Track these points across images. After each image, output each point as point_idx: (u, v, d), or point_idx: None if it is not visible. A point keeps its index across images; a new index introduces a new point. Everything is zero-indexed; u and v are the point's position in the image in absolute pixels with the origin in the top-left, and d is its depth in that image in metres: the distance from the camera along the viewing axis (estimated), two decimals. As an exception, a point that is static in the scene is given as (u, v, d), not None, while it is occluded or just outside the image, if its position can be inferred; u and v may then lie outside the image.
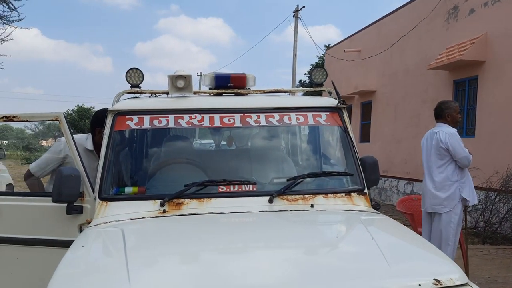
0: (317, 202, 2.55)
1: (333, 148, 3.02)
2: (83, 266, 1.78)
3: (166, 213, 2.40)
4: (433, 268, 1.65)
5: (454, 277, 1.60)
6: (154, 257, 1.88)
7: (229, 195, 2.53)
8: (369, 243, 1.90)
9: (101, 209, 2.46)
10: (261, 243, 2.01)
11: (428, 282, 1.55)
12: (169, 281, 1.59)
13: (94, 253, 1.93)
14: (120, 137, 2.78)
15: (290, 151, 3.01)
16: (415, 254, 1.89)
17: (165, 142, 3.03)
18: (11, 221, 2.88)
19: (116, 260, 1.76)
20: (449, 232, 4.41)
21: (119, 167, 2.76)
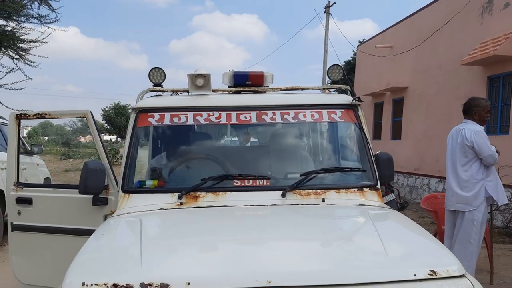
0: (329, 197, 2.62)
1: (348, 144, 3.07)
2: (101, 252, 1.92)
3: (183, 205, 2.53)
4: (431, 260, 1.69)
5: (451, 268, 1.64)
6: (167, 244, 2.02)
7: (243, 189, 2.63)
8: (372, 235, 1.96)
9: (124, 201, 2.62)
10: (266, 234, 2.10)
11: (424, 273, 1.60)
12: (179, 265, 1.71)
13: (112, 240, 2.07)
14: (143, 133, 2.93)
15: (305, 147, 3.08)
16: (415, 247, 1.93)
17: (185, 138, 3.16)
18: (44, 211, 3.09)
19: (131, 246, 1.90)
20: (471, 230, 4.35)
21: (141, 161, 2.91)
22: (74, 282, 1.59)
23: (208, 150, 3.12)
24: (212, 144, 3.16)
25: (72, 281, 1.60)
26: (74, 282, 1.59)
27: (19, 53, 10.69)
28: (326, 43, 19.37)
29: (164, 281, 1.56)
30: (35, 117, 3.15)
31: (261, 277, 1.56)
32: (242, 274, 1.61)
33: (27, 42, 10.68)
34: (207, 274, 1.62)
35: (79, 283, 1.57)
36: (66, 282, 1.61)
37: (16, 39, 10.41)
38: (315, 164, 2.92)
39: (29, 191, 3.17)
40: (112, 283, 1.56)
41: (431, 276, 1.60)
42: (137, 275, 1.60)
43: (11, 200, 3.15)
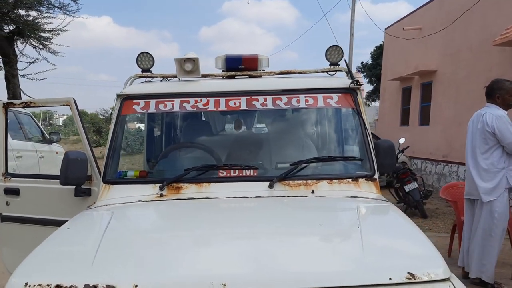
0: (320, 188, 2.42)
1: (344, 131, 2.85)
2: (57, 248, 1.81)
3: (163, 197, 2.39)
4: (412, 262, 1.48)
5: (433, 271, 1.43)
6: (126, 241, 1.87)
7: (229, 180, 2.47)
8: (353, 232, 1.76)
9: (104, 192, 2.51)
10: (234, 230, 1.92)
11: (400, 276, 1.40)
12: (131, 266, 1.57)
13: (73, 235, 1.95)
14: (127, 121, 2.80)
15: (299, 135, 2.87)
16: (399, 246, 1.71)
17: (171, 126, 3.02)
18: (31, 202, 3.03)
19: (90, 242, 1.78)
20: (491, 222, 4.05)
21: (124, 151, 2.79)
22: (17, 282, 1.49)
23: (195, 139, 2.96)
24: (200, 132, 3.00)
25: (16, 281, 1.50)
26: (17, 282, 1.49)
27: (42, 42, 10.84)
28: (352, 26, 18.72)
29: (111, 283, 1.42)
30: (21, 106, 3.08)
31: (216, 281, 1.40)
32: (195, 277, 1.45)
33: (48, 32, 10.80)
34: (157, 276, 1.47)
35: (22, 283, 1.47)
36: (10, 282, 1.51)
37: (38, 28, 10.54)
38: (308, 153, 2.71)
39: (16, 181, 3.12)
40: (56, 284, 1.44)
41: (408, 280, 1.40)
42: (84, 275, 1.48)
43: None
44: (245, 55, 3.00)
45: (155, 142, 3.09)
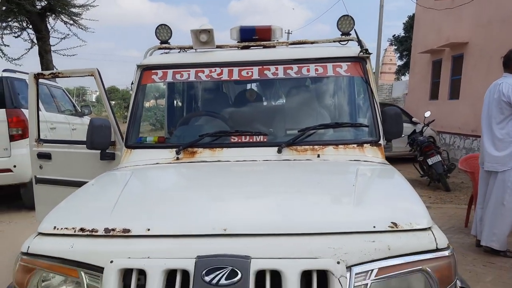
0: (326, 153, 2.54)
1: (353, 99, 2.94)
2: (81, 201, 2.02)
3: (179, 160, 2.58)
4: (397, 214, 1.60)
5: (415, 222, 1.56)
6: (142, 195, 2.08)
7: (240, 145, 2.62)
8: (347, 189, 1.89)
9: (126, 156, 2.72)
10: (238, 187, 2.09)
11: (384, 225, 1.53)
12: (144, 214, 1.76)
13: (96, 190, 2.17)
14: (147, 90, 2.98)
15: (308, 103, 2.98)
16: (387, 200, 1.83)
17: (188, 95, 3.18)
18: (61, 165, 3.29)
19: (110, 196, 1.98)
20: (505, 192, 4.08)
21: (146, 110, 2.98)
22: (47, 226, 1.70)
23: (210, 108, 3.12)
24: (215, 101, 3.15)
25: (46, 226, 1.71)
26: (47, 226, 1.70)
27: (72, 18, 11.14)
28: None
29: (127, 227, 1.62)
30: (50, 76, 3.31)
31: (218, 226, 1.57)
32: (200, 222, 1.63)
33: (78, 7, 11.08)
34: (166, 222, 1.66)
35: (51, 227, 1.68)
36: (41, 226, 1.73)
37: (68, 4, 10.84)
38: (316, 120, 2.83)
39: (48, 146, 3.38)
40: (80, 228, 1.65)
41: (391, 229, 1.53)
42: (104, 221, 1.67)
43: (33, 155, 3.38)
44: (259, 26, 3.10)
45: (173, 111, 3.27)
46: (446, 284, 1.50)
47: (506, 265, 4.05)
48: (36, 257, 1.61)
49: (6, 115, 6.09)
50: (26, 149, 6.17)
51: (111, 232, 1.61)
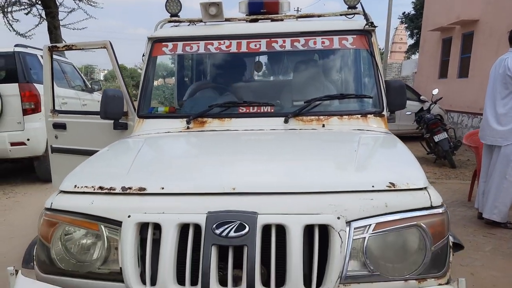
0: (330, 123, 2.64)
1: (358, 71, 3.01)
2: (99, 163, 2.15)
3: (189, 130, 2.69)
4: (395, 175, 1.70)
5: (412, 182, 1.66)
6: (156, 159, 2.21)
7: (248, 116, 2.72)
8: (350, 154, 1.99)
9: (138, 125, 2.83)
10: (246, 152, 2.21)
11: (382, 185, 1.64)
12: (159, 175, 1.88)
13: (112, 155, 2.29)
14: (157, 62, 3.07)
15: (315, 75, 3.05)
16: (387, 164, 1.94)
17: (198, 67, 3.27)
18: (76, 135, 3.42)
19: (126, 159, 2.10)
20: (507, 165, 4.16)
21: (155, 89, 3.08)
22: (69, 185, 1.83)
23: (219, 80, 3.20)
24: (224, 73, 3.23)
25: (68, 184, 1.84)
26: (69, 185, 1.83)
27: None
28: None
29: (142, 185, 1.74)
30: (64, 49, 3.41)
31: (227, 185, 1.69)
32: (210, 182, 1.74)
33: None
34: (179, 182, 1.77)
35: (72, 186, 1.81)
36: (62, 185, 1.86)
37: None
38: (322, 91, 2.91)
39: (63, 117, 3.50)
40: (99, 186, 1.77)
41: (388, 188, 1.63)
42: (121, 181, 1.79)
43: (49, 125, 3.51)
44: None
45: (183, 83, 3.36)
46: (439, 238, 1.61)
47: (506, 236, 4.15)
48: (59, 212, 1.74)
49: (19, 90, 6.22)
50: (39, 123, 6.36)
51: (127, 190, 1.73)
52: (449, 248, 1.67)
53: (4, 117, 6.24)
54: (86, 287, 1.66)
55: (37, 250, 1.80)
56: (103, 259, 1.67)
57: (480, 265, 3.47)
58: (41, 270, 1.75)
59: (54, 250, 1.72)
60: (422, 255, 1.59)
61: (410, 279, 1.58)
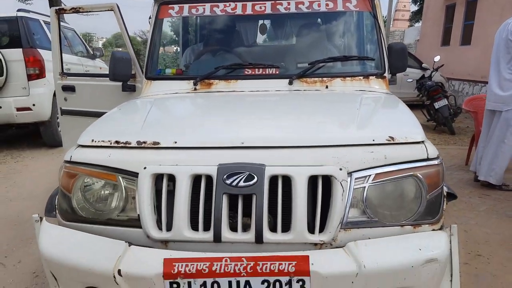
0: (334, 85, 2.72)
1: (360, 33, 3.07)
2: (113, 120, 2.25)
3: (196, 91, 2.78)
4: (395, 130, 1.80)
5: (410, 136, 1.76)
6: (167, 116, 2.32)
7: (253, 77, 2.80)
8: (352, 112, 2.09)
9: (146, 87, 2.92)
10: (253, 110, 2.30)
11: (382, 138, 1.74)
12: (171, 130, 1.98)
13: (124, 113, 2.39)
14: (164, 24, 3.13)
15: (318, 37, 3.11)
16: (387, 120, 2.04)
17: (204, 30, 3.32)
18: (85, 97, 3.51)
19: (138, 117, 2.20)
20: (506, 130, 4.26)
21: (162, 51, 3.15)
22: (86, 139, 1.93)
23: (225, 43, 3.26)
24: (230, 36, 3.28)
25: (85, 139, 1.94)
26: (86, 139, 1.93)
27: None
28: None
29: (156, 140, 1.84)
30: (71, 11, 3.45)
31: (236, 139, 1.79)
32: (220, 137, 1.84)
33: None
34: (191, 137, 1.88)
35: (89, 140, 1.92)
36: (80, 139, 1.96)
37: None
38: (326, 54, 2.97)
39: (72, 79, 3.58)
40: (115, 140, 1.88)
41: (388, 142, 1.74)
42: (135, 135, 1.90)
43: (58, 88, 3.59)
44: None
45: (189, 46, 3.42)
46: (434, 188, 1.72)
47: (500, 197, 4.31)
48: (78, 164, 1.85)
49: (23, 55, 6.26)
50: (44, 88, 6.43)
51: (142, 144, 1.84)
52: (443, 197, 1.79)
53: (9, 82, 6.30)
54: (106, 233, 1.79)
55: (59, 200, 1.92)
56: (121, 208, 1.80)
57: (474, 223, 3.63)
58: (63, 218, 1.88)
59: (75, 199, 1.84)
60: (418, 203, 1.71)
61: (406, 225, 1.70)
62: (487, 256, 3.05)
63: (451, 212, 3.83)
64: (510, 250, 3.16)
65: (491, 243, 3.27)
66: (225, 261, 1.60)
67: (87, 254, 1.69)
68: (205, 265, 1.60)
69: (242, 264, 1.59)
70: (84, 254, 1.69)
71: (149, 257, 1.65)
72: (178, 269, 1.60)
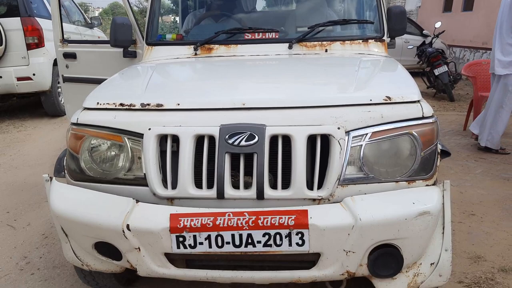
0: (333, 48, 2.75)
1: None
2: (116, 84, 2.30)
3: (197, 56, 2.81)
4: (392, 90, 1.85)
5: (406, 96, 1.81)
6: (169, 79, 2.37)
7: (253, 42, 2.82)
8: (351, 74, 2.13)
9: (147, 53, 2.94)
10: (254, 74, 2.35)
11: (379, 98, 1.80)
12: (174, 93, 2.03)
13: (127, 77, 2.44)
14: None
15: (318, 1, 3.11)
16: (385, 81, 2.09)
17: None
18: (85, 64, 3.54)
19: (141, 81, 2.24)
20: (505, 95, 4.29)
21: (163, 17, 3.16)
22: (91, 102, 1.99)
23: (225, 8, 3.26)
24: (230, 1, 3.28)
25: (90, 102, 1.99)
26: (91, 102, 1.99)
27: None
28: None
29: (159, 102, 1.90)
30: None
31: (238, 101, 1.84)
32: (222, 99, 1.90)
33: None
34: (193, 99, 1.93)
35: (94, 103, 1.97)
36: (85, 102, 2.01)
37: None
38: (325, 18, 2.98)
39: (73, 46, 3.60)
40: (119, 103, 1.93)
41: (385, 101, 1.79)
42: (139, 98, 1.95)
43: (59, 55, 3.61)
44: None
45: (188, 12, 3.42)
46: (428, 145, 1.79)
47: (496, 160, 4.39)
48: (84, 126, 1.91)
49: (21, 24, 6.22)
50: (43, 57, 6.43)
51: (146, 107, 1.89)
52: (437, 154, 1.86)
53: (8, 52, 6.29)
54: (114, 191, 1.86)
55: (67, 160, 1.99)
56: (127, 167, 1.87)
57: (469, 185, 3.72)
58: (72, 178, 1.96)
59: (83, 160, 1.91)
60: (412, 159, 1.78)
61: (400, 181, 1.78)
62: (481, 215, 3.16)
63: (448, 175, 3.92)
64: (503, 209, 3.26)
65: (485, 203, 3.37)
66: (228, 215, 1.68)
67: (97, 210, 1.77)
68: (209, 219, 1.68)
69: (244, 218, 1.67)
70: (93, 210, 1.77)
71: (156, 212, 1.73)
72: (184, 223, 1.69)
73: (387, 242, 1.71)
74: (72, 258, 2.04)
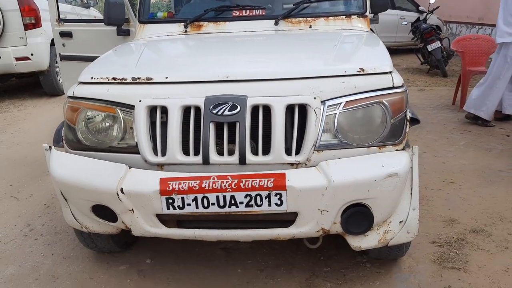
0: (317, 24, 2.87)
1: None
2: (109, 60, 2.44)
3: (187, 33, 2.93)
4: (366, 63, 1.98)
5: (379, 67, 1.95)
6: (159, 55, 2.50)
7: (241, 19, 2.94)
8: (330, 48, 2.27)
9: (140, 30, 3.07)
10: (238, 49, 2.48)
11: (353, 70, 1.94)
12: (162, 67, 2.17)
13: (119, 54, 2.57)
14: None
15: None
16: (361, 55, 2.23)
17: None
18: (81, 43, 3.66)
19: (132, 57, 2.38)
20: (503, 65, 4.36)
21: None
22: (86, 77, 2.13)
23: None
24: None
25: (85, 77, 2.14)
26: (86, 77, 2.13)
27: None
28: None
29: (149, 75, 2.04)
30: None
31: (221, 74, 1.98)
32: (207, 72, 2.04)
33: None
34: (180, 73, 2.08)
35: (89, 77, 2.11)
36: (81, 77, 2.15)
37: None
38: None
39: (69, 25, 3.71)
40: (112, 77, 2.07)
41: (358, 72, 1.93)
42: (130, 72, 2.09)
43: (56, 34, 3.73)
44: None
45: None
46: (397, 113, 1.93)
47: (480, 132, 4.54)
48: (80, 99, 2.06)
49: (18, 4, 6.29)
50: (41, 37, 6.52)
51: (137, 80, 2.03)
52: (406, 121, 2.01)
53: (6, 32, 6.38)
54: (108, 158, 2.02)
55: (65, 131, 2.14)
56: (120, 137, 2.02)
57: (452, 156, 3.88)
58: (70, 147, 2.11)
59: (80, 130, 2.06)
60: (383, 126, 1.93)
61: (372, 146, 1.93)
62: (460, 183, 3.32)
63: (432, 146, 4.07)
64: (481, 177, 3.43)
65: (465, 172, 3.53)
66: (213, 179, 1.84)
67: (93, 175, 1.94)
68: (196, 182, 1.84)
69: (228, 181, 1.84)
70: (90, 175, 1.94)
71: (147, 177, 1.90)
72: (172, 186, 1.85)
73: (358, 202, 1.88)
74: (72, 221, 2.22)
